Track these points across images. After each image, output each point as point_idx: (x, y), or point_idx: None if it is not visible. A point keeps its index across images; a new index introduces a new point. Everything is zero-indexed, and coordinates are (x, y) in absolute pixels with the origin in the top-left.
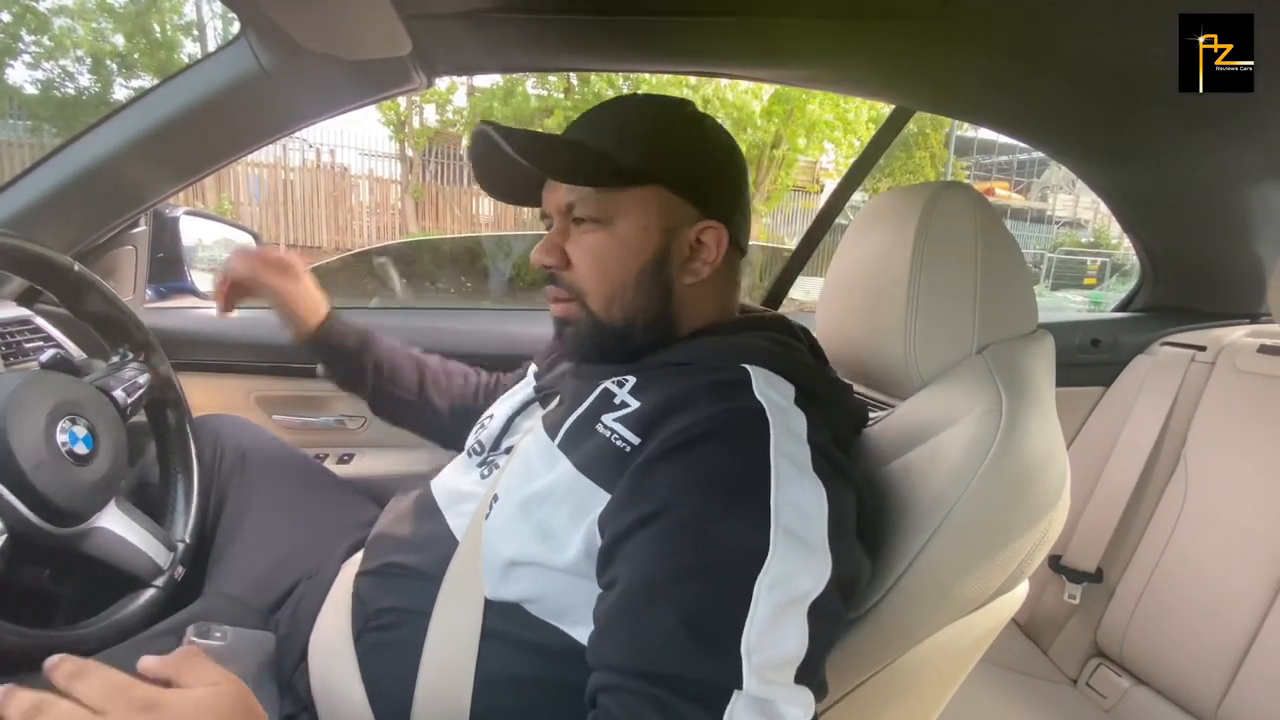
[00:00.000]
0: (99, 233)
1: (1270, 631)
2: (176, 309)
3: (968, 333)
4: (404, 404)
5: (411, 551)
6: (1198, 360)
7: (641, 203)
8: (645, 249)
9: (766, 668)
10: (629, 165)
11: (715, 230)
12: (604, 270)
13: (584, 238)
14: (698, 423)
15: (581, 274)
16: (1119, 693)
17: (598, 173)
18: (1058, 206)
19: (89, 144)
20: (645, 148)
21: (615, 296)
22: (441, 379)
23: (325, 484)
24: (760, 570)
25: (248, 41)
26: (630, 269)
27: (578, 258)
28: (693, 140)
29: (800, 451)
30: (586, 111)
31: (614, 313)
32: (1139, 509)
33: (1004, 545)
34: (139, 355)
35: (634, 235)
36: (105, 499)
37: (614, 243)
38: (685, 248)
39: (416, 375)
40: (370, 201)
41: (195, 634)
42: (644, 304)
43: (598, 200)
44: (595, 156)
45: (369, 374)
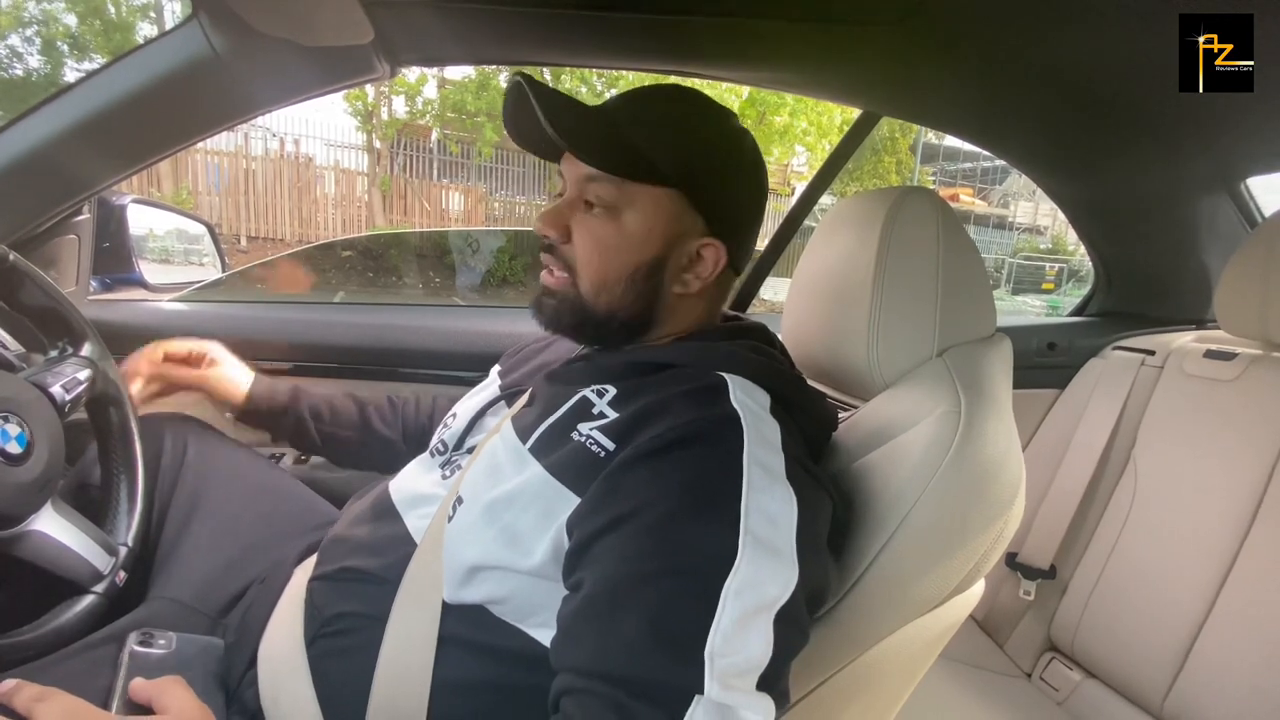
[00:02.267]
0: (39, 220)
1: (1214, 626)
2: (122, 301)
3: (929, 336)
4: (354, 442)
5: (368, 555)
6: (1147, 364)
7: (655, 203)
8: (645, 249)
9: (729, 674)
10: (653, 164)
11: (716, 249)
12: (601, 258)
13: (590, 220)
14: (672, 429)
15: (579, 254)
16: (1071, 685)
17: (621, 163)
18: (1019, 213)
19: (28, 127)
20: (676, 151)
21: (605, 285)
22: (386, 410)
23: (279, 485)
24: (727, 576)
25: (200, 23)
26: (626, 264)
27: (579, 237)
28: (725, 157)
29: (774, 459)
30: (636, 91)
31: (599, 300)
32: (1091, 507)
33: (961, 544)
34: (79, 349)
35: (638, 233)
36: (40, 501)
37: (617, 235)
38: (684, 257)
39: (357, 410)
40: (336, 193)
41: (138, 641)
42: (630, 301)
43: (614, 187)
44: (622, 146)
45: (310, 423)
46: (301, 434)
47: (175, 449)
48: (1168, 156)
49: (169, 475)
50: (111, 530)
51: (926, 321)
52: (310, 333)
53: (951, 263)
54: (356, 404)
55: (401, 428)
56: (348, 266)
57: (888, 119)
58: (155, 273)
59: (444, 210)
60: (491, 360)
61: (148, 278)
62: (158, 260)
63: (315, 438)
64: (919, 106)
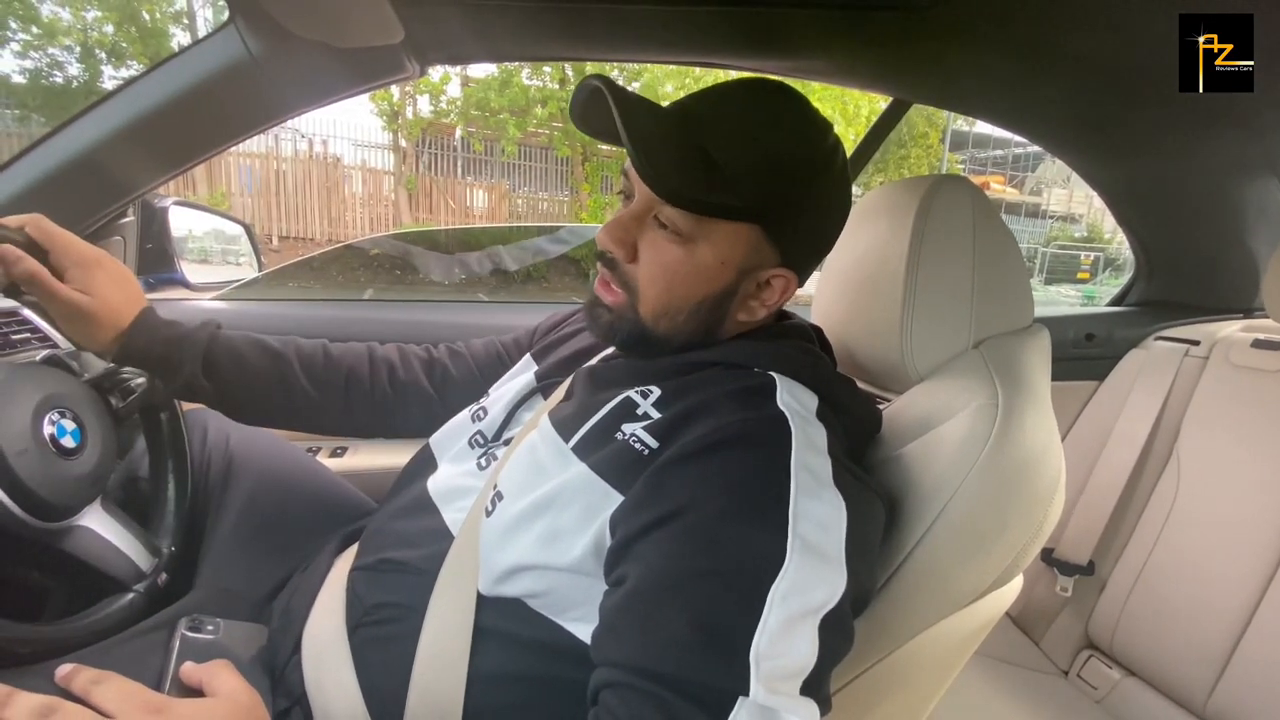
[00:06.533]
0: (86, 223)
1: (1260, 624)
2: (166, 300)
3: (964, 327)
4: (264, 395)
5: (407, 547)
6: (1191, 355)
7: (732, 238)
8: (715, 281)
9: (774, 677)
10: (739, 205)
11: (787, 279)
12: (668, 286)
13: (660, 244)
14: (720, 428)
15: (643, 277)
16: (1110, 684)
17: (707, 205)
18: (1052, 201)
19: (75, 133)
20: (765, 186)
21: (667, 313)
22: (319, 360)
23: (317, 477)
24: (775, 579)
25: (236, 28)
26: (693, 295)
27: (647, 259)
28: (812, 186)
29: (821, 464)
30: (724, 100)
31: (660, 324)
32: (1131, 502)
33: (999, 539)
34: None
35: (711, 265)
36: (90, 496)
37: (689, 264)
38: (752, 286)
39: (268, 358)
40: (363, 192)
41: (188, 626)
42: (692, 328)
43: (692, 218)
44: (709, 186)
45: (202, 373)
46: (192, 383)
47: (219, 443)
48: (1211, 139)
49: (213, 468)
50: (156, 532)
51: (962, 312)
52: (347, 330)
53: (987, 252)
54: (269, 355)
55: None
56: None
57: (917, 109)
58: (195, 272)
59: (468, 207)
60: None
61: (189, 277)
62: (197, 260)
63: (204, 387)
64: (950, 92)
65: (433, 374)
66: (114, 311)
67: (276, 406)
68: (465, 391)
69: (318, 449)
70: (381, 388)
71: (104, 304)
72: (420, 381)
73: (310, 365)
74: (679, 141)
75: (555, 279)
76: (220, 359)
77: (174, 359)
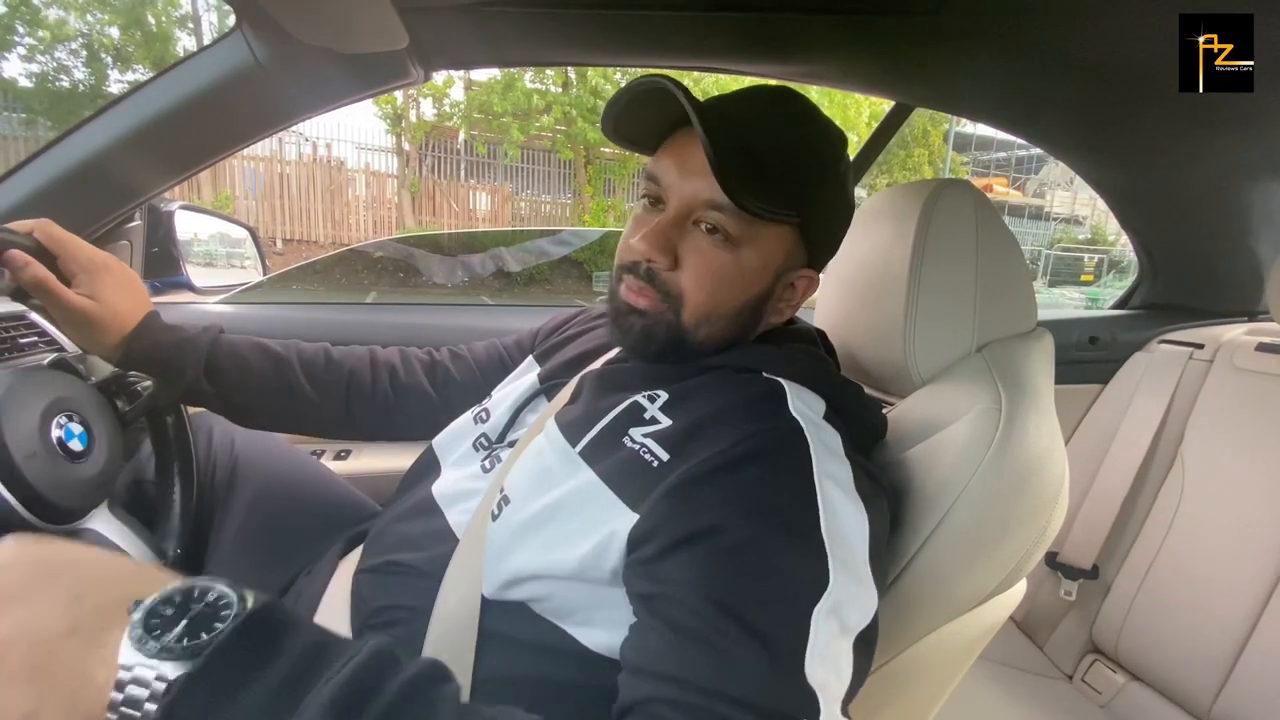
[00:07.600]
0: (93, 227)
1: (1266, 629)
2: (171, 304)
3: (967, 331)
4: (266, 399)
5: (411, 549)
6: (1195, 358)
7: (776, 240)
8: (757, 284)
9: (828, 701)
10: (788, 207)
11: (809, 279)
12: (713, 290)
13: (706, 249)
14: (738, 442)
15: (688, 283)
16: (1114, 689)
17: (766, 206)
18: (1055, 203)
19: (83, 138)
20: (804, 186)
21: (710, 319)
22: (321, 364)
23: (322, 481)
24: (819, 600)
25: (243, 34)
26: (738, 299)
27: (691, 265)
28: (835, 185)
29: (841, 470)
30: (756, 103)
31: (699, 331)
32: (1135, 506)
33: (1002, 543)
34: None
35: (755, 268)
36: (97, 499)
37: (736, 269)
38: (782, 288)
39: (270, 362)
40: (367, 195)
41: None
42: (730, 333)
43: (743, 222)
44: (762, 184)
45: (205, 377)
46: (194, 388)
47: (223, 443)
48: (1215, 141)
49: (218, 471)
50: (162, 535)
51: (965, 316)
52: (350, 333)
53: (990, 256)
54: (270, 358)
55: (346, 388)
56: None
57: (919, 111)
58: (201, 276)
59: (471, 210)
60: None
61: (194, 281)
62: (202, 264)
63: (206, 392)
64: (953, 96)
65: (434, 376)
66: (119, 316)
67: (279, 410)
68: (467, 394)
69: (322, 452)
70: (383, 390)
71: (109, 309)
72: (422, 384)
73: (312, 369)
74: (729, 145)
75: (558, 281)
76: (222, 363)
77: (176, 363)
